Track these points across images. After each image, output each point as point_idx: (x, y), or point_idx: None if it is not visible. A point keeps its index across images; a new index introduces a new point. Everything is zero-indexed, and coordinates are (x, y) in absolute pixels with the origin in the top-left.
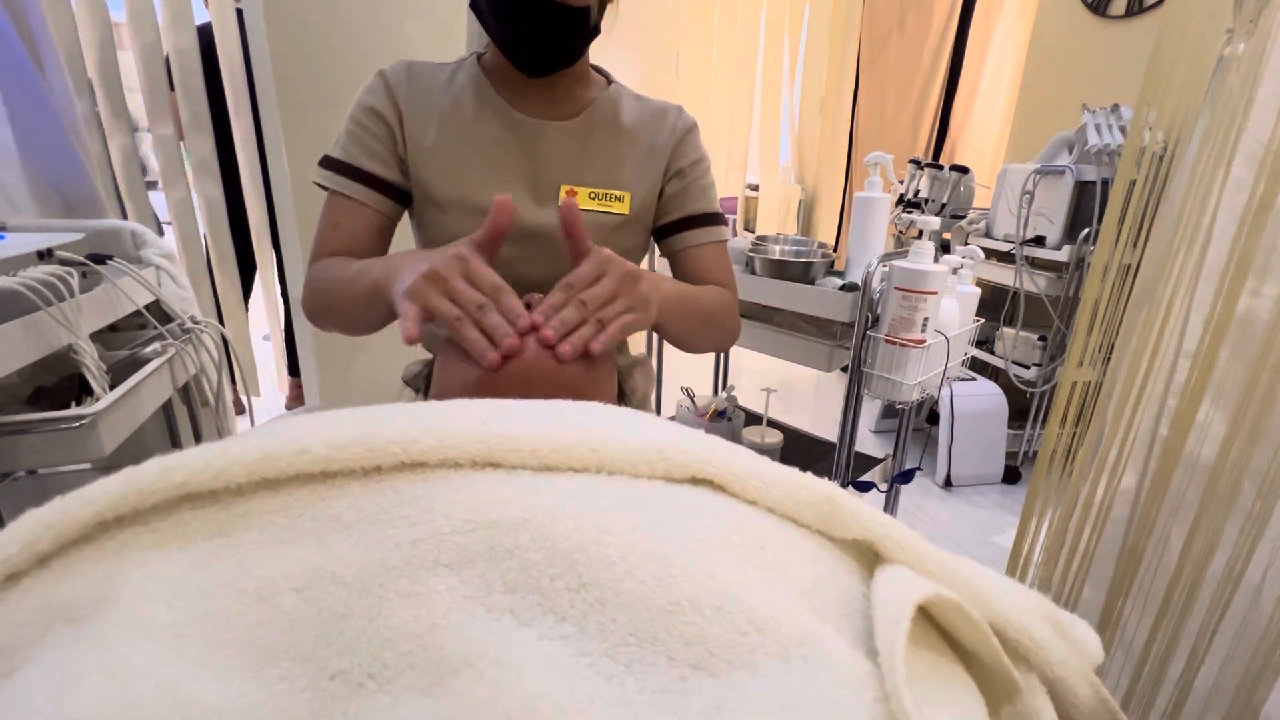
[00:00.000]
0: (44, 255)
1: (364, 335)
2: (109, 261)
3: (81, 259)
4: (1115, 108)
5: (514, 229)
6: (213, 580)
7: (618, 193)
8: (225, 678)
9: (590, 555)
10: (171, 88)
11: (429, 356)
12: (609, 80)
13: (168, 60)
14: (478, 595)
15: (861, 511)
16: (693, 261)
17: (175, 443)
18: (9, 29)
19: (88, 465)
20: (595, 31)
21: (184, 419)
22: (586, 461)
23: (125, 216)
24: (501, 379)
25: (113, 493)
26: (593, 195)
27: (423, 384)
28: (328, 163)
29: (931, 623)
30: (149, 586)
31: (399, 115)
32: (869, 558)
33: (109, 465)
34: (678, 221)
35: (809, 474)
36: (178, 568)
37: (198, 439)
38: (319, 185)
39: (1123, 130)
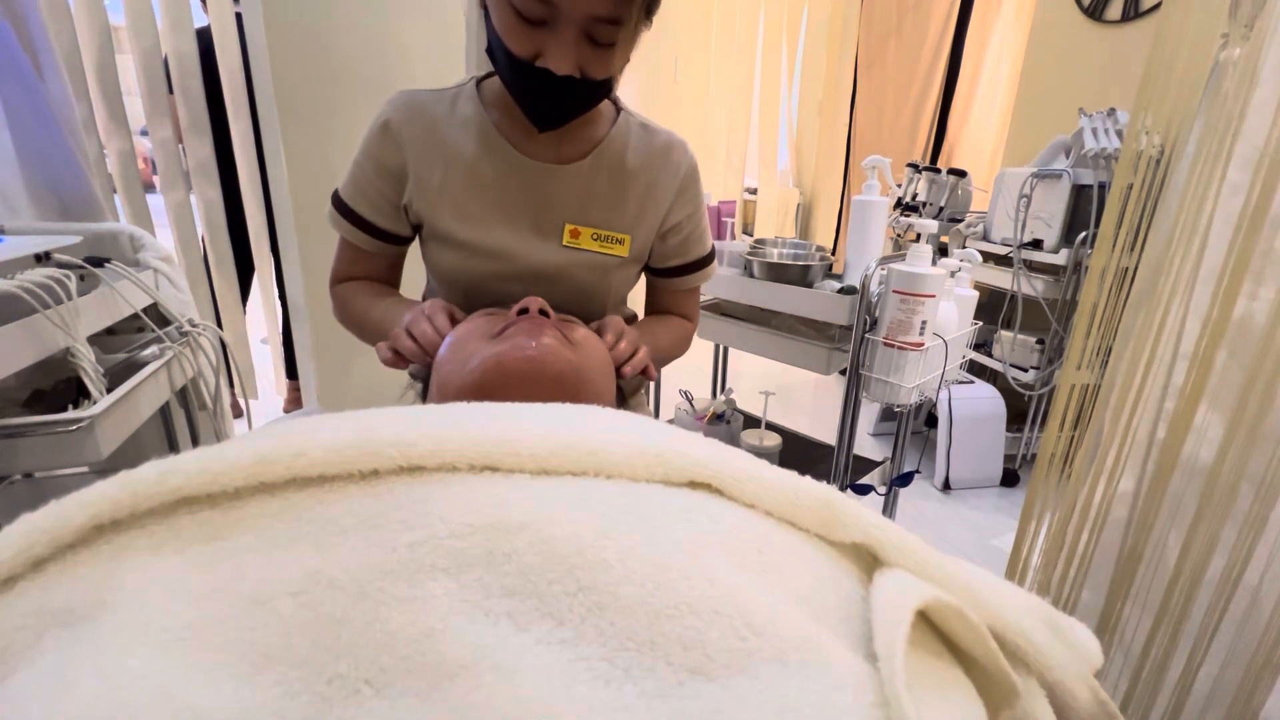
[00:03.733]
0: (41, 258)
1: None
2: (107, 264)
3: (79, 262)
4: (1111, 112)
5: (519, 267)
6: (209, 584)
7: (619, 235)
8: (221, 682)
9: (588, 559)
10: (170, 91)
11: None
12: (618, 109)
13: (166, 63)
14: (475, 599)
15: (860, 515)
16: (676, 299)
17: (173, 446)
18: (8, 31)
19: (85, 469)
20: (610, 89)
21: (181, 422)
22: (584, 465)
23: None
24: (504, 377)
25: (109, 497)
26: (595, 236)
27: (424, 376)
28: (337, 202)
29: (930, 626)
30: (145, 591)
31: (404, 165)
32: (868, 561)
33: (106, 469)
34: (678, 267)
35: (807, 477)
36: (174, 572)
37: (195, 442)
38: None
39: (1119, 134)
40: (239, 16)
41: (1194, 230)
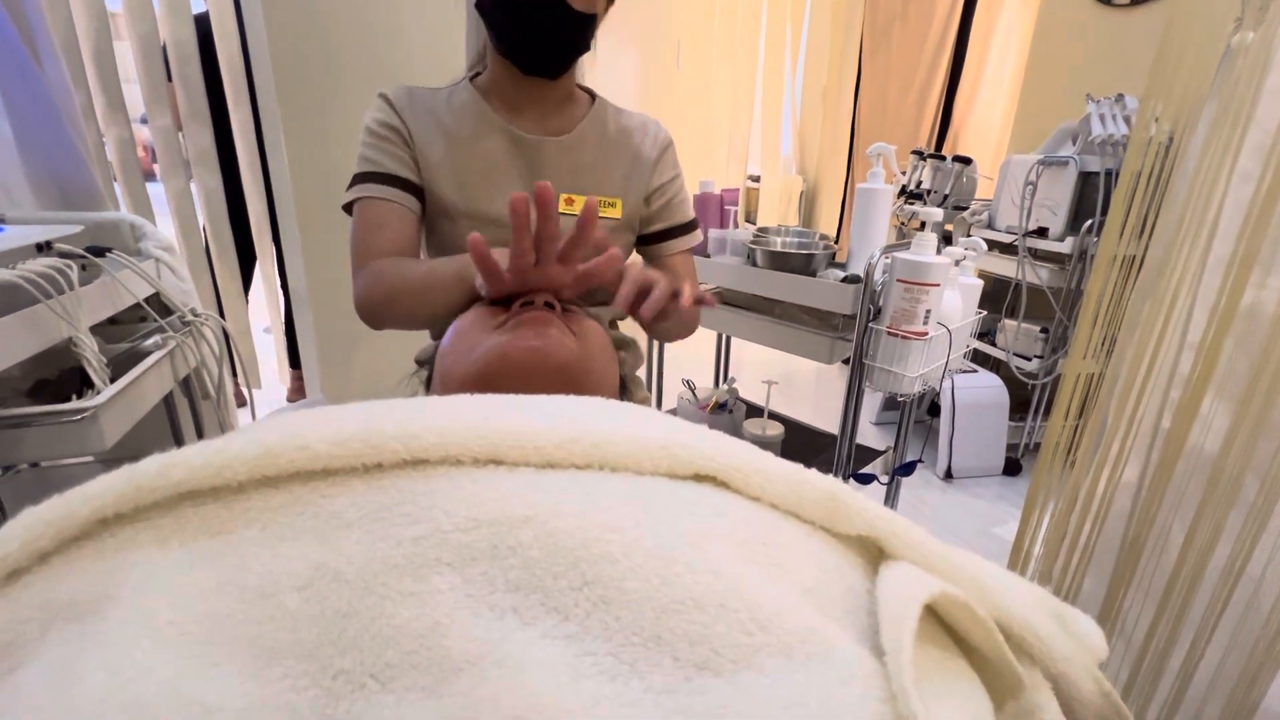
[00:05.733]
0: (43, 248)
1: (421, 329)
2: (108, 254)
3: (80, 251)
4: (1120, 98)
5: None
6: (215, 578)
7: (610, 199)
8: (227, 676)
9: (593, 553)
10: (169, 78)
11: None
12: (593, 97)
13: (165, 50)
14: (480, 594)
15: (865, 507)
16: (670, 269)
17: (177, 435)
18: (5, 20)
19: (90, 458)
20: (592, 30)
21: (185, 412)
22: (589, 458)
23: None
24: (507, 368)
25: (112, 490)
26: None
27: (428, 361)
28: (357, 177)
29: (936, 618)
30: (150, 584)
31: (407, 130)
32: (873, 554)
33: (111, 458)
34: (661, 232)
35: (813, 470)
36: (179, 565)
37: (199, 432)
38: (346, 209)
39: (1127, 120)
40: (237, 2)
41: (1203, 219)
